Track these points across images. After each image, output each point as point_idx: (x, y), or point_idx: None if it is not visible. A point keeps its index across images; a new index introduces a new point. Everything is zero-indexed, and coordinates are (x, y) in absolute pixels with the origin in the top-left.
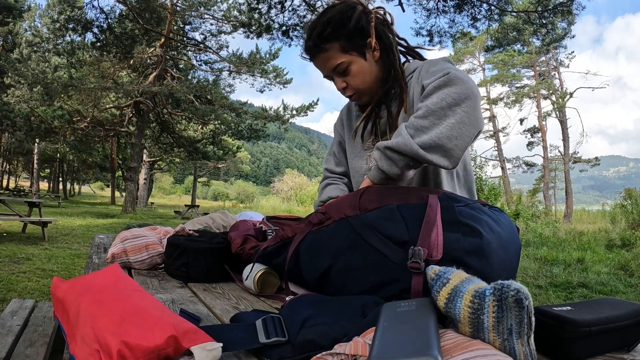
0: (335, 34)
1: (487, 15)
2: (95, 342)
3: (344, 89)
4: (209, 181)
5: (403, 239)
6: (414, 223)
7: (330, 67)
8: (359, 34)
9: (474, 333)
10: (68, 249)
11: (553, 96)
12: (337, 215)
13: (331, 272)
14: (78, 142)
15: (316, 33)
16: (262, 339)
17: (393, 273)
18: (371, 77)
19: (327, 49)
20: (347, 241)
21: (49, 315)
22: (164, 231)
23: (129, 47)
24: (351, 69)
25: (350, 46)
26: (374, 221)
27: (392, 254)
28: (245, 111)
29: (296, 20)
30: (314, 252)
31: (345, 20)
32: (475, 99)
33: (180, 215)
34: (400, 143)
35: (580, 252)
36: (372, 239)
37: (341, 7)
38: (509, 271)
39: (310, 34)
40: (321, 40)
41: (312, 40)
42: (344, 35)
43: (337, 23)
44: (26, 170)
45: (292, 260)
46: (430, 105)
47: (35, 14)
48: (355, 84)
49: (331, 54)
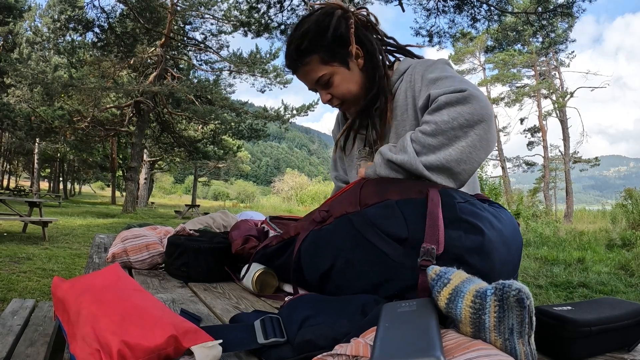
0: (313, 47)
1: (487, 15)
2: (95, 341)
3: (329, 100)
4: (210, 181)
5: (402, 236)
6: (413, 219)
7: (312, 80)
8: (338, 43)
9: (475, 333)
10: (68, 249)
11: (553, 96)
12: (339, 212)
13: (332, 271)
14: (78, 141)
15: (294, 47)
16: (261, 339)
17: (393, 270)
18: (357, 86)
19: (307, 62)
20: (348, 239)
21: (49, 315)
22: (165, 231)
23: (131, 47)
24: (334, 80)
25: (331, 57)
26: (373, 218)
27: (392, 251)
28: (246, 111)
29: (295, 19)
30: (315, 251)
31: (322, 30)
32: (490, 122)
33: (180, 215)
34: (405, 161)
35: (580, 252)
36: (371, 236)
37: (317, 16)
38: (510, 268)
39: (289, 48)
40: (299, 54)
41: (290, 55)
42: (322, 46)
43: (314, 35)
44: (26, 170)
45: (296, 260)
46: (440, 123)
47: (36, 14)
48: (340, 94)
49: (311, 67)
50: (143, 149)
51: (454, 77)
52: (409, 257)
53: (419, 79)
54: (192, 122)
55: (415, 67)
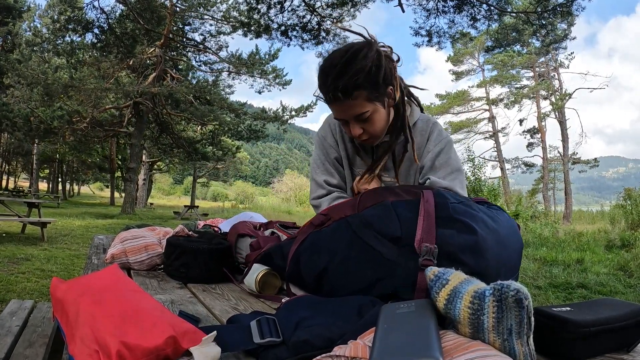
0: (365, 84)
1: (487, 15)
2: (94, 342)
3: (359, 134)
4: (208, 182)
5: (396, 235)
6: (407, 218)
7: (352, 115)
8: (385, 83)
9: (474, 334)
10: (67, 250)
11: (552, 97)
12: (338, 216)
13: (328, 270)
14: (77, 142)
15: (346, 81)
16: (257, 339)
17: (387, 269)
18: (386, 123)
19: (356, 97)
20: (344, 239)
21: (48, 316)
22: (164, 232)
23: (131, 47)
24: (373, 117)
25: (377, 96)
26: (369, 218)
27: (386, 250)
28: (245, 112)
29: (295, 20)
30: (312, 252)
31: (376, 69)
32: None
33: (179, 216)
34: None
35: (579, 253)
36: (367, 236)
37: (371, 53)
38: (508, 268)
39: (338, 80)
40: (352, 88)
41: (341, 87)
42: (374, 85)
43: (369, 72)
44: (25, 170)
45: (294, 261)
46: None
47: (35, 14)
48: (373, 130)
49: (358, 102)
50: (142, 149)
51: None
52: (403, 256)
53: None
54: (191, 123)
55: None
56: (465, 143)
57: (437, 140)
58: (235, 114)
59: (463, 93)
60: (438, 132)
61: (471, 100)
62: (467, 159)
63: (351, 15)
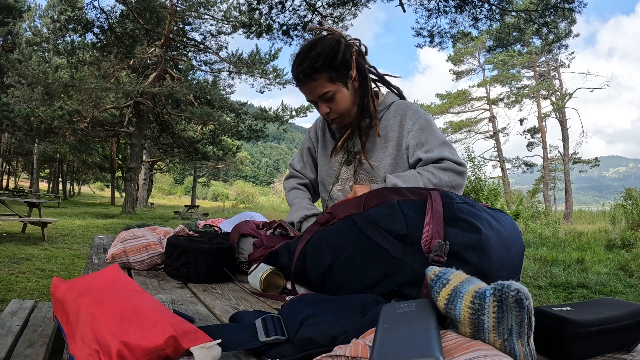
0: (325, 66)
1: (489, 15)
2: (94, 342)
3: (327, 113)
4: (209, 181)
5: (402, 233)
6: (413, 217)
7: (317, 94)
8: (344, 67)
9: (474, 334)
10: (68, 250)
11: (553, 96)
12: (343, 214)
13: (333, 268)
14: (78, 142)
15: (308, 64)
16: (262, 337)
17: (392, 267)
18: (351, 104)
19: (316, 78)
20: (350, 237)
21: (48, 316)
22: (164, 231)
23: (130, 47)
24: (336, 97)
25: (337, 77)
26: (375, 217)
27: (392, 247)
28: (245, 112)
29: (297, 20)
30: (318, 250)
31: (334, 53)
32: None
33: (179, 215)
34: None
35: (580, 253)
36: (373, 234)
37: (329, 41)
38: (510, 269)
39: (302, 64)
40: (312, 70)
41: (304, 70)
42: (332, 67)
43: (327, 56)
44: (26, 170)
45: (300, 259)
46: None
47: (35, 14)
48: (339, 109)
49: (319, 83)
50: (142, 149)
51: (445, 143)
52: (408, 254)
53: (410, 124)
54: (192, 123)
55: (406, 111)
56: (465, 143)
57: (414, 118)
58: (236, 114)
59: (463, 93)
60: (413, 111)
61: (471, 100)
62: (467, 158)
63: (352, 15)
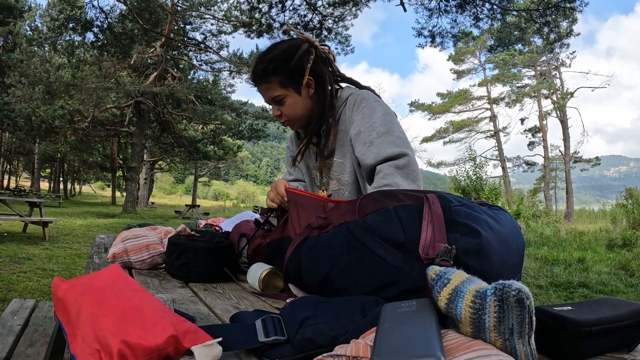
0: (276, 70)
1: (490, 14)
2: (95, 341)
3: (278, 115)
4: (210, 181)
5: (400, 241)
6: (410, 223)
7: (269, 97)
8: (297, 72)
9: (475, 333)
10: (69, 249)
11: (554, 96)
12: (337, 221)
13: (332, 276)
14: (79, 142)
15: (261, 67)
16: (262, 338)
17: (392, 275)
18: (303, 110)
19: (269, 81)
20: (346, 245)
21: (49, 315)
22: (165, 231)
23: (127, 48)
24: (286, 101)
25: (288, 82)
26: (371, 224)
27: (390, 256)
28: (246, 111)
29: (297, 19)
30: (314, 257)
31: (287, 59)
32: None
33: (180, 215)
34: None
35: (581, 252)
36: (370, 242)
37: (286, 46)
38: (511, 269)
39: (257, 66)
40: (264, 73)
41: (257, 72)
42: (284, 72)
43: (279, 61)
44: (27, 170)
45: (294, 264)
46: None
47: (36, 14)
48: (288, 114)
49: (271, 86)
50: (143, 149)
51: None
52: (407, 262)
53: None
54: (192, 122)
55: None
56: (466, 142)
57: (358, 108)
58: (237, 113)
59: (464, 92)
60: (361, 99)
61: (472, 99)
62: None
63: (352, 15)
